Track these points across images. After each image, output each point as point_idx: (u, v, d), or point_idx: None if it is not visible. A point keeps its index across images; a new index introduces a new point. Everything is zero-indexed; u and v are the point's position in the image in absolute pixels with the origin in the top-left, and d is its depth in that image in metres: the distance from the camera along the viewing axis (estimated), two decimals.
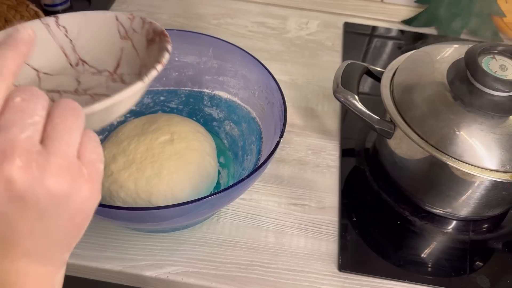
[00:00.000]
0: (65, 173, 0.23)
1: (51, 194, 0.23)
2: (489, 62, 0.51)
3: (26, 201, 0.22)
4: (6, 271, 0.23)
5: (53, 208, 0.23)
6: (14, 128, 0.21)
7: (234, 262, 0.51)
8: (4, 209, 0.22)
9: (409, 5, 0.90)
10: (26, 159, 0.21)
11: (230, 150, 0.61)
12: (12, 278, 0.23)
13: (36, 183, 0.22)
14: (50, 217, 0.23)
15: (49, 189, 0.22)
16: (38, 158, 0.22)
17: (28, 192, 0.22)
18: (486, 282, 0.52)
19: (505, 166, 0.49)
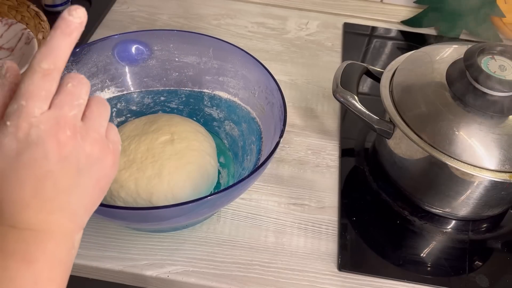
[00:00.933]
0: (98, 144, 0.30)
1: (88, 157, 0.29)
2: (488, 62, 0.51)
3: (70, 161, 0.28)
4: (41, 221, 0.28)
5: (87, 168, 0.29)
6: (65, 107, 0.28)
7: (234, 262, 0.51)
8: (53, 168, 0.28)
9: (408, 6, 0.90)
10: (73, 131, 0.28)
11: (230, 150, 0.61)
12: (44, 227, 0.28)
13: (79, 148, 0.29)
14: (84, 176, 0.29)
15: (86, 153, 0.29)
16: (80, 130, 0.29)
17: (73, 153, 0.28)
18: (485, 282, 0.52)
19: (504, 166, 0.49)
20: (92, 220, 0.52)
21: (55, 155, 0.28)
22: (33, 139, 0.27)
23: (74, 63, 0.55)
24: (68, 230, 0.30)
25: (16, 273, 0.27)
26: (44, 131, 0.27)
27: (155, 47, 0.60)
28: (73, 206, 0.30)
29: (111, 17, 0.83)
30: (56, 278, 0.29)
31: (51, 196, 0.28)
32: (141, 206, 0.50)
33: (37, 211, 0.28)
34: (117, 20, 0.83)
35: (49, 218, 0.28)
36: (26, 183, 0.27)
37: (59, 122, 0.28)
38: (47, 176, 0.28)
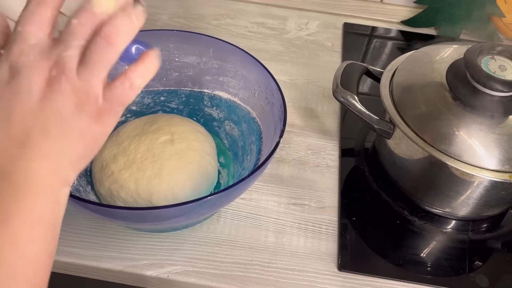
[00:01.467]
0: (82, 95, 0.27)
1: (72, 105, 0.26)
2: (488, 63, 0.51)
3: (53, 104, 0.26)
4: (19, 170, 0.25)
5: (70, 116, 0.26)
6: (62, 44, 0.26)
7: (234, 262, 0.51)
8: (35, 106, 0.25)
9: (408, 6, 0.90)
10: (61, 71, 0.26)
11: (230, 150, 0.61)
12: (22, 177, 0.25)
13: (64, 92, 0.26)
14: (66, 124, 0.26)
15: (71, 100, 0.26)
16: (70, 74, 0.26)
17: (57, 96, 0.26)
18: (485, 282, 0.52)
19: (504, 166, 0.49)
20: (92, 220, 0.53)
21: (38, 91, 0.25)
22: (20, 67, 0.25)
23: None
24: (50, 182, 0.26)
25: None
26: (33, 61, 0.25)
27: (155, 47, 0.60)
28: (55, 155, 0.26)
29: None
30: (39, 238, 0.26)
31: (31, 140, 0.25)
32: (141, 206, 0.50)
33: (15, 156, 0.25)
34: None
35: (28, 166, 0.25)
36: (8, 119, 0.25)
37: (50, 57, 0.26)
38: (29, 115, 0.25)
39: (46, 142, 0.26)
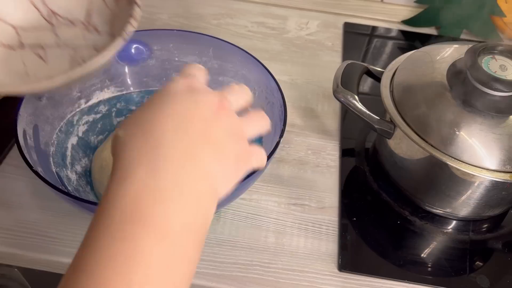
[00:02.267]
0: (238, 130, 0.33)
1: (236, 130, 0.32)
2: (489, 62, 0.51)
3: (222, 122, 0.31)
4: (197, 180, 0.28)
5: (232, 138, 0.31)
6: (226, 93, 0.34)
7: (234, 262, 0.51)
8: (210, 117, 0.31)
9: (409, 5, 0.90)
10: (229, 105, 0.33)
11: None
12: (198, 185, 0.28)
13: (232, 117, 0.33)
14: (229, 143, 0.31)
15: (236, 126, 0.33)
16: (234, 111, 0.33)
17: (226, 118, 0.32)
18: (486, 282, 0.52)
19: (505, 166, 0.49)
20: None
21: (214, 107, 0.31)
22: (197, 88, 0.32)
23: None
24: (211, 193, 0.29)
25: (151, 248, 0.25)
26: (206, 89, 0.33)
27: (155, 47, 0.60)
28: (216, 171, 0.29)
29: None
30: (201, 227, 0.28)
31: (201, 145, 0.29)
32: None
33: (193, 154, 0.28)
34: None
35: (194, 167, 0.28)
36: (191, 120, 0.29)
37: (216, 93, 0.33)
38: (204, 122, 0.30)
39: (214, 165, 0.29)
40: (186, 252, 0.26)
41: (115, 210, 0.25)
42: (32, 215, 0.53)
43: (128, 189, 0.25)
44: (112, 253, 0.24)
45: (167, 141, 0.27)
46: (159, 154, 0.27)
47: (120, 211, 0.25)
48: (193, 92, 0.32)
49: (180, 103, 0.30)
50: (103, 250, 0.24)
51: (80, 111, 0.57)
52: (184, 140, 0.28)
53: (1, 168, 0.58)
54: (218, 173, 0.29)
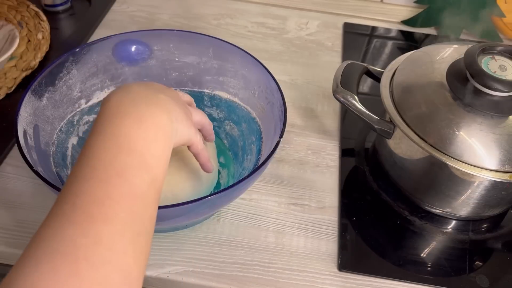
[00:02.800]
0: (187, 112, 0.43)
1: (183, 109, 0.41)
2: (489, 62, 0.51)
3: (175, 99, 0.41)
4: (150, 98, 0.37)
5: (180, 108, 0.40)
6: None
7: (234, 262, 0.51)
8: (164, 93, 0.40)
9: (408, 6, 0.90)
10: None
11: (230, 150, 0.61)
12: (152, 101, 0.37)
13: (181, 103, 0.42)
14: (179, 101, 0.41)
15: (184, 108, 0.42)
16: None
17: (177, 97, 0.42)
18: (486, 282, 0.52)
19: (505, 166, 0.49)
20: None
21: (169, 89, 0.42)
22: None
23: (74, 63, 0.55)
24: (168, 109, 0.37)
25: (129, 129, 0.33)
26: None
27: (155, 47, 0.60)
28: (170, 108, 0.38)
29: (111, 17, 0.83)
30: (160, 140, 0.35)
31: (167, 107, 0.38)
32: None
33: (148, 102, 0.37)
34: (117, 20, 0.83)
35: (155, 97, 0.38)
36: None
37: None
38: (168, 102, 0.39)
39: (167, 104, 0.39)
40: (157, 139, 0.35)
41: (101, 124, 0.34)
42: (32, 215, 0.53)
43: (107, 110, 0.35)
44: (102, 144, 0.33)
45: (139, 91, 0.37)
46: (133, 97, 0.36)
47: (105, 121, 0.34)
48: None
49: (146, 83, 0.41)
50: (95, 148, 0.33)
51: (81, 111, 0.57)
52: (149, 91, 0.38)
53: (1, 168, 0.58)
54: (174, 112, 0.38)
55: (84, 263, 0.27)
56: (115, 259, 0.28)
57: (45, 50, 0.73)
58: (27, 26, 0.76)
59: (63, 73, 0.54)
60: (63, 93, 0.55)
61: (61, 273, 0.26)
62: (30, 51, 0.72)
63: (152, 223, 0.33)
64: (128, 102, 0.35)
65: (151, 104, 0.36)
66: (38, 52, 0.72)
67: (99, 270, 0.27)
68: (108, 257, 0.28)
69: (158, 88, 0.40)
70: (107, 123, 0.34)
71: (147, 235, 0.32)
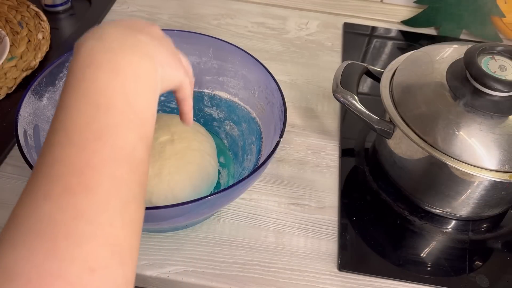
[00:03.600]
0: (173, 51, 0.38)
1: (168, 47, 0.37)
2: (488, 62, 0.51)
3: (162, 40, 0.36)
4: (126, 38, 0.32)
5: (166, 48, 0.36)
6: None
7: (234, 262, 0.51)
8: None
9: (408, 6, 0.90)
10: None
11: (230, 150, 0.61)
12: (129, 43, 0.32)
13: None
14: (163, 41, 0.36)
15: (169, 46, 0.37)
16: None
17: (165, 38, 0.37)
18: (486, 282, 0.52)
19: (504, 166, 0.49)
20: None
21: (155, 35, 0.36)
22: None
23: None
24: (150, 53, 0.33)
25: (105, 83, 0.29)
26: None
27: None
28: (153, 51, 0.34)
29: (111, 17, 0.83)
30: (142, 91, 0.31)
31: (150, 53, 0.33)
32: None
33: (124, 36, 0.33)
34: None
35: (134, 41, 0.33)
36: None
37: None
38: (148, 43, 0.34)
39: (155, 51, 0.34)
40: (138, 91, 0.31)
41: (74, 79, 0.30)
42: None
43: (79, 61, 0.30)
44: (79, 92, 0.29)
45: (114, 34, 0.33)
46: (107, 43, 0.32)
47: (80, 72, 0.30)
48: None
49: (124, 21, 0.35)
50: (73, 98, 0.29)
51: None
52: (127, 33, 0.33)
53: (1, 168, 0.58)
54: (159, 54, 0.34)
55: (63, 241, 0.24)
56: (100, 233, 0.25)
57: (45, 50, 0.73)
58: (27, 26, 0.76)
59: (63, 73, 0.54)
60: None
61: (38, 254, 0.24)
62: (30, 51, 0.72)
63: (142, 187, 0.29)
64: (102, 49, 0.30)
65: (128, 49, 0.31)
66: (38, 52, 0.72)
67: (81, 247, 0.24)
68: (91, 232, 0.25)
69: (138, 27, 0.35)
70: (80, 77, 0.29)
71: (137, 201, 0.28)
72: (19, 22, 0.76)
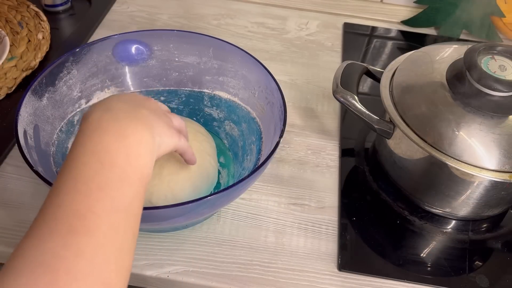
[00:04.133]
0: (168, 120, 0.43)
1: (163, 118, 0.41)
2: (488, 62, 0.51)
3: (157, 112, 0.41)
4: (132, 111, 0.37)
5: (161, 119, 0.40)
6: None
7: (234, 262, 0.51)
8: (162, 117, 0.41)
9: (408, 6, 0.90)
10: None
11: (230, 150, 0.61)
12: (135, 116, 0.37)
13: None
14: (159, 113, 0.41)
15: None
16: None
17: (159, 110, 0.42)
18: (485, 282, 0.52)
19: (504, 166, 0.49)
20: None
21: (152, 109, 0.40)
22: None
23: (74, 63, 0.55)
24: (149, 125, 0.37)
25: (111, 145, 0.33)
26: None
27: (155, 47, 0.60)
28: (152, 123, 0.38)
29: (111, 17, 0.83)
30: (142, 155, 0.35)
31: (150, 124, 0.37)
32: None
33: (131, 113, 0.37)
34: (117, 20, 0.83)
35: (137, 113, 0.37)
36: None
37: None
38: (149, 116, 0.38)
39: (150, 119, 0.38)
40: (141, 153, 0.35)
41: (82, 140, 0.34)
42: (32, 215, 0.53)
43: (89, 127, 0.35)
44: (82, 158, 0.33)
45: (120, 107, 0.37)
46: (114, 114, 0.36)
47: (85, 142, 0.34)
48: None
49: (126, 96, 0.40)
50: (74, 161, 0.33)
51: (81, 111, 0.57)
52: (131, 106, 0.37)
53: (1, 168, 0.58)
54: (157, 126, 0.38)
55: (64, 275, 0.27)
56: (97, 272, 0.28)
57: (45, 50, 0.73)
58: (27, 26, 0.76)
59: (63, 73, 0.54)
60: (63, 93, 0.55)
61: (40, 284, 0.26)
62: (30, 51, 0.72)
63: (134, 238, 0.33)
64: (110, 118, 0.35)
65: (133, 120, 0.36)
66: (38, 52, 0.72)
67: (79, 282, 0.27)
68: (89, 270, 0.28)
69: (139, 102, 0.39)
70: (88, 137, 0.34)
71: (129, 251, 0.32)
72: (19, 22, 0.76)
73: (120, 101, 0.38)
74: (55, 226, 0.29)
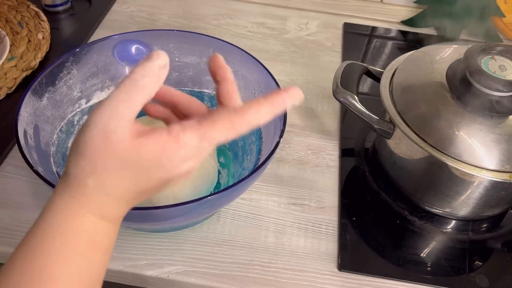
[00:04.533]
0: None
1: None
2: (488, 63, 0.51)
3: None
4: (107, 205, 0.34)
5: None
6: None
7: (234, 262, 0.51)
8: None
9: (408, 6, 0.90)
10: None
11: (230, 150, 0.61)
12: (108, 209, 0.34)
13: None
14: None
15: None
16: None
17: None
18: (485, 282, 0.52)
19: (504, 166, 0.49)
20: None
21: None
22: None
23: (74, 63, 0.55)
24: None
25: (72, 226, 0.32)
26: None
27: (155, 47, 0.60)
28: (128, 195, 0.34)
29: (111, 17, 0.83)
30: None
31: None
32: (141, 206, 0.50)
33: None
34: (117, 20, 0.83)
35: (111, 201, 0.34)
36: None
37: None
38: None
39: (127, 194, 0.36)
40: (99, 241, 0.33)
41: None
42: (32, 215, 0.53)
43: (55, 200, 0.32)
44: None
45: (116, 182, 0.33)
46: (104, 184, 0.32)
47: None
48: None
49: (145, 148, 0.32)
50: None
51: (81, 111, 0.57)
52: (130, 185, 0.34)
53: (1, 168, 0.58)
54: (129, 196, 0.34)
55: None
56: None
57: (45, 50, 0.73)
58: (27, 26, 0.76)
59: (63, 73, 0.54)
60: (63, 93, 0.55)
61: None
62: (30, 51, 0.72)
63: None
64: (91, 193, 0.32)
65: (119, 208, 0.35)
66: (38, 52, 0.72)
67: None
68: None
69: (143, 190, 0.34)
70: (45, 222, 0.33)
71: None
72: (19, 22, 0.76)
73: (126, 169, 0.31)
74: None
